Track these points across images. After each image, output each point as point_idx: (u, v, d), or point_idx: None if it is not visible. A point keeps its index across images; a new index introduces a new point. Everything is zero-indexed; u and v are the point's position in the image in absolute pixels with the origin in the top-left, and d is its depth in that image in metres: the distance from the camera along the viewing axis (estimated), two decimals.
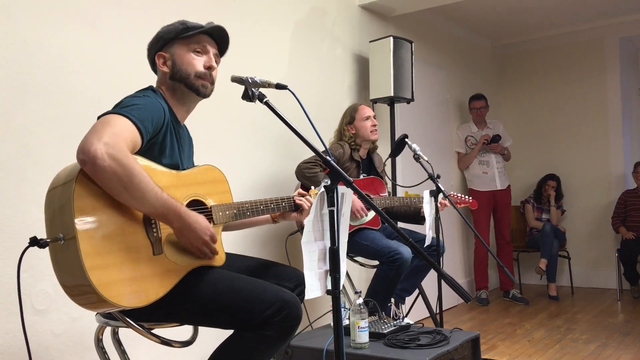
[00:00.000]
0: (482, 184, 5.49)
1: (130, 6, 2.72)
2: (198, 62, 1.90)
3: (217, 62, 1.98)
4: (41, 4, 2.38)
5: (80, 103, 2.49)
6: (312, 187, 2.30)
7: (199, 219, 1.70)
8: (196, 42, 1.91)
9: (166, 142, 1.81)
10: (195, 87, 1.90)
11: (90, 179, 1.54)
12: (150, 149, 1.76)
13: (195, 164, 2.05)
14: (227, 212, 1.90)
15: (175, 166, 1.85)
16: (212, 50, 1.94)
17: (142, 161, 1.69)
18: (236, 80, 1.77)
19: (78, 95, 2.48)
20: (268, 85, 1.78)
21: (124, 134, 1.57)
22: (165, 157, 1.81)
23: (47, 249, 1.57)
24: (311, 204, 2.11)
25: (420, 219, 3.44)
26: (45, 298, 2.32)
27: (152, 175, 1.62)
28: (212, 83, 1.94)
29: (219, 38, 1.98)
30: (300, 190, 2.16)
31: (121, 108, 1.66)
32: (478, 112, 5.50)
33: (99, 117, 1.63)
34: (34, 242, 1.52)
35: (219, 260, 1.88)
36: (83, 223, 1.50)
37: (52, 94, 2.41)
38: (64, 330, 2.39)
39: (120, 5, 2.68)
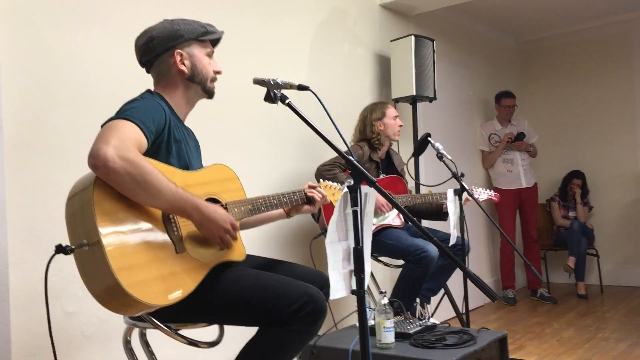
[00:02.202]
0: (507, 182, 5.41)
1: (151, 9, 2.76)
2: (211, 67, 1.97)
3: None
4: (65, 12, 2.43)
5: (106, 109, 2.52)
6: (322, 180, 2.32)
7: (216, 208, 1.72)
8: (209, 46, 1.98)
9: (171, 141, 1.83)
10: (211, 91, 1.99)
11: (107, 183, 1.56)
12: (157, 150, 1.78)
13: (203, 166, 2.07)
14: (242, 208, 1.92)
15: (184, 166, 1.88)
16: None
17: (157, 164, 1.71)
18: (258, 82, 1.79)
19: (103, 101, 2.52)
20: (290, 86, 1.78)
21: (129, 136, 1.60)
22: (173, 157, 1.83)
23: (72, 257, 1.59)
24: (322, 195, 2.15)
25: (442, 215, 3.42)
26: (75, 300, 2.37)
27: (168, 175, 1.65)
28: None
29: (215, 43, 2.05)
30: (310, 183, 2.18)
31: (122, 113, 1.70)
32: (509, 110, 5.40)
33: (102, 125, 1.67)
34: (60, 249, 1.54)
35: (240, 255, 1.90)
36: (105, 226, 1.52)
37: (79, 100, 2.45)
38: (93, 331, 2.43)
39: (140, 8, 2.72)
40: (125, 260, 1.53)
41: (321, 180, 2.33)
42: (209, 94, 1.98)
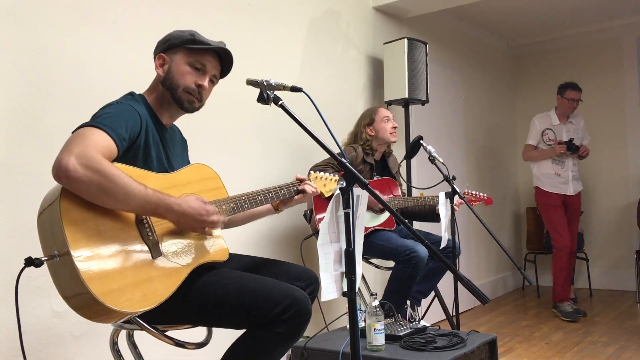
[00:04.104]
0: (552, 185, 4.82)
1: (145, 11, 2.75)
2: (190, 77, 1.86)
3: (214, 83, 1.96)
4: (59, 10, 2.41)
5: (99, 106, 2.51)
6: (312, 172, 2.29)
7: (189, 201, 1.68)
8: (198, 57, 1.88)
9: (149, 146, 1.80)
10: (180, 101, 1.87)
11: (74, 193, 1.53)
12: (134, 155, 1.75)
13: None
14: (224, 207, 1.88)
15: (164, 170, 1.85)
16: (212, 72, 1.91)
17: (131, 169, 1.68)
18: (251, 83, 1.78)
19: (96, 100, 2.50)
20: (283, 87, 1.78)
21: (94, 143, 1.56)
22: (152, 161, 1.81)
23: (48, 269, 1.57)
24: (314, 187, 2.13)
25: (436, 217, 3.42)
26: (63, 300, 2.34)
27: (142, 180, 1.61)
28: (200, 101, 1.91)
29: (224, 59, 1.95)
30: (299, 176, 2.15)
31: (93, 120, 1.67)
32: (572, 103, 4.79)
33: (72, 132, 1.63)
34: (30, 262, 1.52)
35: (222, 255, 1.88)
36: (74, 236, 1.49)
37: (71, 98, 2.44)
38: (82, 332, 2.41)
39: (135, 9, 2.71)
40: (96, 269, 1.50)
41: (311, 172, 2.30)
42: (179, 104, 1.87)
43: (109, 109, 1.73)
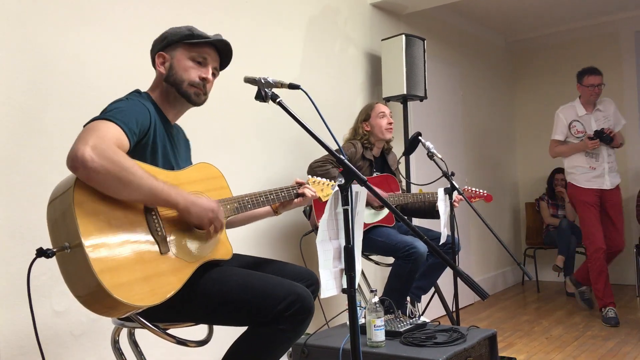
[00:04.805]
0: (587, 180, 4.40)
1: (145, 11, 2.75)
2: (194, 72, 1.90)
3: (216, 75, 1.99)
4: (58, 10, 2.41)
5: (99, 106, 2.51)
6: (310, 176, 2.32)
7: (199, 196, 1.74)
8: (198, 51, 1.92)
9: (157, 143, 1.83)
10: (187, 94, 1.91)
11: (87, 185, 1.55)
12: (142, 151, 1.78)
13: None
14: (229, 206, 1.91)
15: (170, 167, 1.87)
16: (213, 64, 1.95)
17: (140, 165, 1.68)
18: (249, 80, 1.78)
19: (96, 100, 2.51)
20: (281, 85, 1.78)
21: (109, 136, 1.59)
22: (158, 158, 1.83)
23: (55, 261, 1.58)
24: (313, 191, 2.17)
25: (435, 213, 3.43)
26: (64, 299, 2.35)
27: None
28: (205, 94, 1.95)
29: (222, 52, 1.99)
30: (298, 179, 2.18)
31: (105, 113, 1.69)
32: (593, 90, 4.37)
33: (84, 126, 1.66)
34: (41, 252, 1.52)
35: (226, 253, 1.90)
36: (87, 228, 1.50)
37: (71, 98, 2.44)
38: (83, 331, 2.42)
39: (135, 9, 2.71)
40: (107, 262, 1.51)
41: (309, 176, 2.33)
42: (187, 98, 1.91)
43: (119, 104, 1.75)
